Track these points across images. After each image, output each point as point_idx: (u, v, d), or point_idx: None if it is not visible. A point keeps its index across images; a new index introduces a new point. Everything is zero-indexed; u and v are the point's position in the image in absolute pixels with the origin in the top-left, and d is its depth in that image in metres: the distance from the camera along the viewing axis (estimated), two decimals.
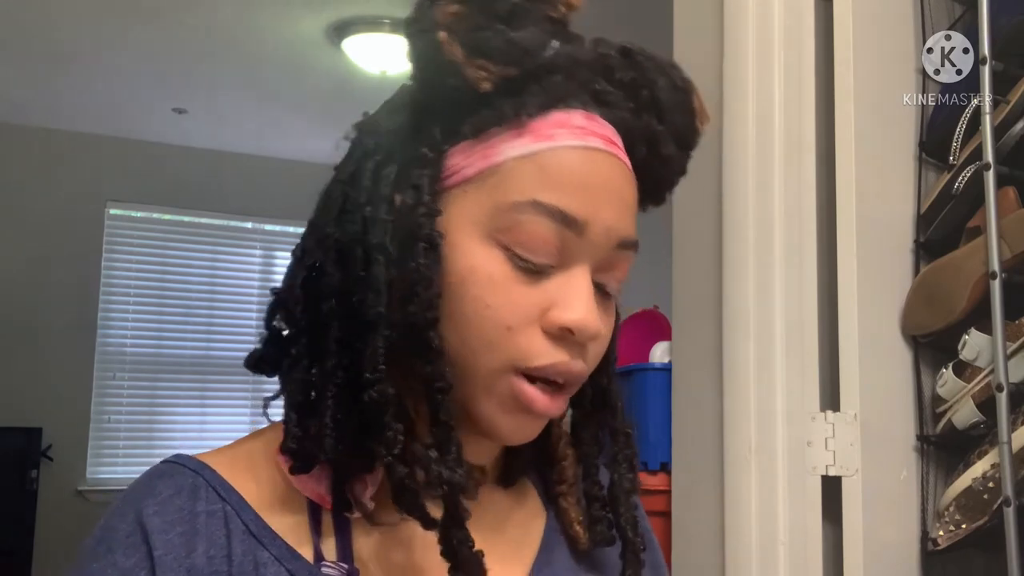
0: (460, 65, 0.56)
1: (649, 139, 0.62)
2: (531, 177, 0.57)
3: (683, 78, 0.65)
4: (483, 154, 0.58)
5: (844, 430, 1.18)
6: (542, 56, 0.58)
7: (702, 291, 1.29)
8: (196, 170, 4.71)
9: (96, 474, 4.51)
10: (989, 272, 1.12)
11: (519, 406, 0.58)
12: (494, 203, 0.57)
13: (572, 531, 0.67)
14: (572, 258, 0.58)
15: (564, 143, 0.58)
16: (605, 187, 0.58)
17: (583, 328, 0.57)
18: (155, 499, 0.58)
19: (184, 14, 3.23)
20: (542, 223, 0.56)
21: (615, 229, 0.58)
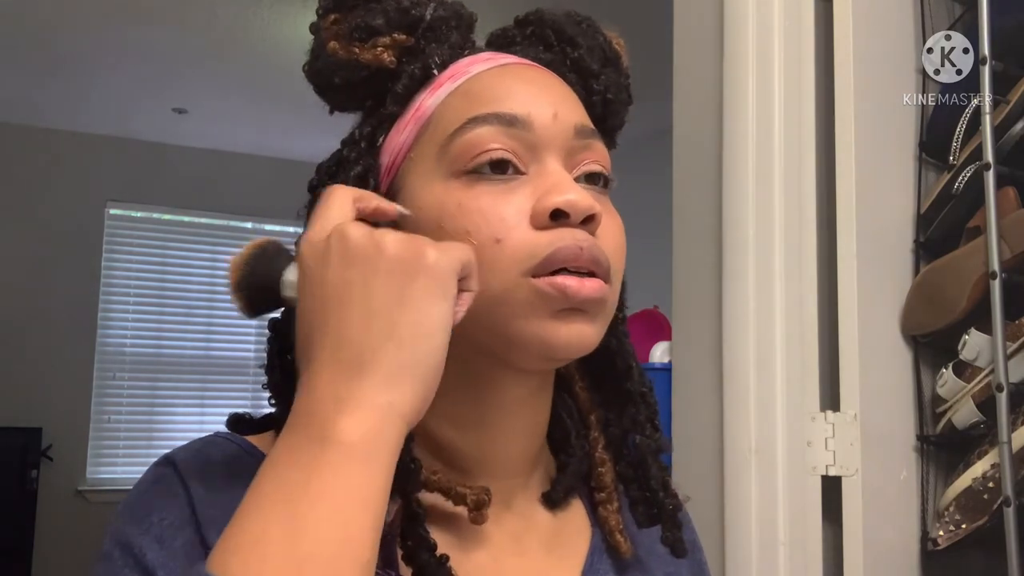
0: (357, 55, 0.58)
1: (573, 66, 0.63)
2: (460, 106, 0.57)
3: (580, 14, 0.66)
4: (413, 119, 0.59)
5: (844, 430, 1.18)
6: (426, 13, 0.60)
7: (702, 291, 1.29)
8: (196, 170, 4.71)
9: (96, 474, 4.51)
10: (989, 272, 1.12)
11: (554, 303, 0.54)
12: (437, 145, 0.57)
13: (613, 541, 0.63)
14: (537, 157, 0.57)
15: (480, 69, 0.59)
16: (535, 85, 0.59)
17: (573, 203, 0.54)
18: (205, 460, 0.55)
19: (184, 14, 3.23)
20: (484, 130, 0.56)
21: (563, 115, 0.58)
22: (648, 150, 2.25)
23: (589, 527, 0.66)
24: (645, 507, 0.64)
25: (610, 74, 0.64)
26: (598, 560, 0.64)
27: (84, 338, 4.51)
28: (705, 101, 1.30)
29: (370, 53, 0.58)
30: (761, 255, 1.20)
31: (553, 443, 0.67)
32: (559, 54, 0.63)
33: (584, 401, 0.67)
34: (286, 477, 0.44)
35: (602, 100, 0.63)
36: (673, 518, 0.63)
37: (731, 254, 1.23)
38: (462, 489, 0.57)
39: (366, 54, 0.59)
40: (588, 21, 0.65)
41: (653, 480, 0.63)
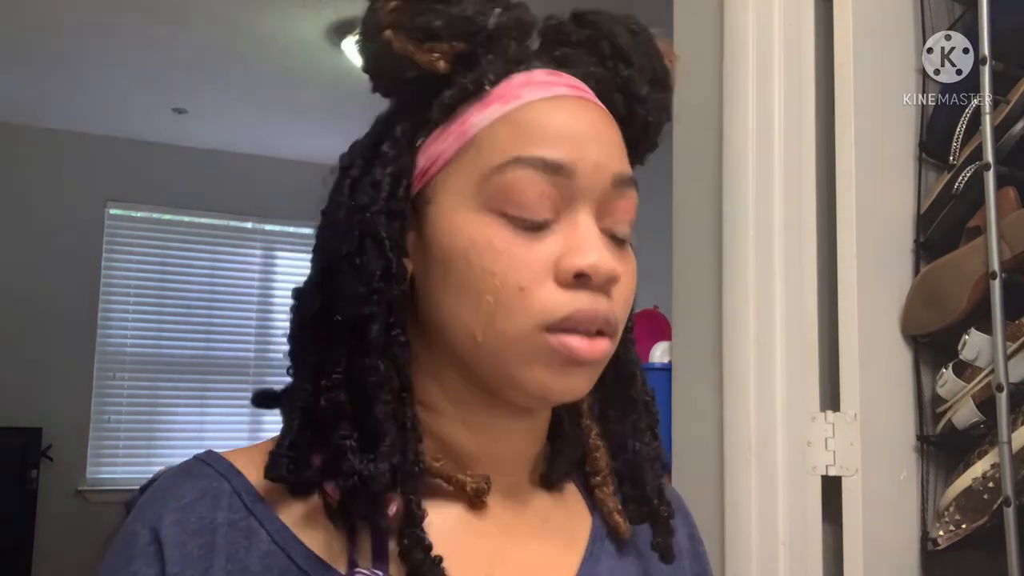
0: (411, 54, 0.57)
1: (621, 86, 0.62)
2: (507, 137, 0.57)
3: (638, 23, 0.65)
4: (456, 132, 0.58)
5: (844, 430, 1.18)
6: (487, 23, 0.58)
7: (702, 291, 1.29)
8: (196, 170, 4.71)
9: (96, 474, 4.51)
10: (989, 272, 1.12)
11: (561, 359, 0.56)
12: (478, 173, 0.57)
13: (612, 521, 0.66)
14: (570, 206, 0.57)
15: (532, 98, 0.58)
16: (583, 128, 0.58)
17: (596, 268, 0.55)
18: (177, 503, 0.56)
19: (184, 14, 3.23)
20: (529, 176, 0.56)
21: (605, 165, 0.57)
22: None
23: (588, 515, 0.67)
24: (636, 505, 0.65)
25: (656, 97, 0.64)
26: (598, 547, 0.65)
27: (84, 338, 4.51)
28: (705, 101, 1.30)
29: (425, 56, 0.57)
30: (761, 255, 1.20)
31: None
32: (611, 71, 0.62)
33: None
34: None
35: (642, 124, 0.63)
36: (666, 525, 0.65)
37: (731, 254, 1.23)
38: (462, 477, 0.59)
39: (421, 55, 0.57)
40: (645, 33, 0.64)
41: (648, 487, 0.65)
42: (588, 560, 0.64)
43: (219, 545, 0.55)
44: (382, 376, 0.56)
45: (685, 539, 0.73)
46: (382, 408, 0.55)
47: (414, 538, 0.55)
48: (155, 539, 0.55)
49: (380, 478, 0.53)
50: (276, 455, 0.57)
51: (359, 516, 0.55)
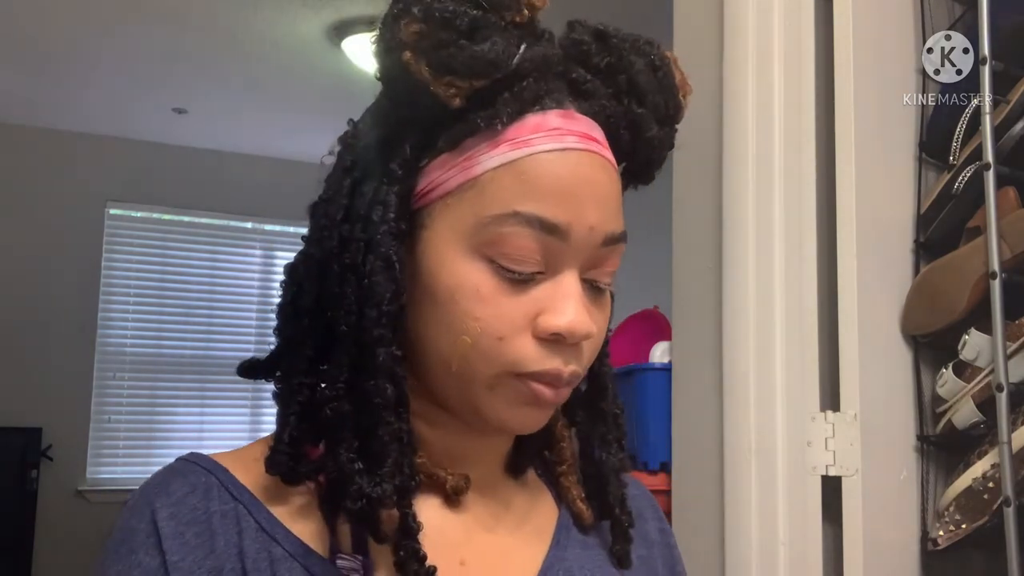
0: (428, 83, 0.56)
1: (631, 124, 0.63)
2: (510, 187, 0.57)
3: (661, 56, 0.64)
4: (462, 166, 0.58)
5: (844, 430, 1.18)
6: (510, 65, 0.57)
7: (702, 291, 1.29)
8: (196, 170, 4.71)
9: (96, 474, 4.51)
10: (989, 272, 1.12)
11: (525, 401, 0.59)
12: (475, 216, 0.57)
13: (576, 508, 0.69)
14: (558, 263, 0.58)
15: (541, 148, 0.58)
16: (585, 187, 0.58)
17: (572, 332, 0.58)
18: (169, 499, 0.58)
19: (184, 14, 3.23)
20: (524, 233, 0.57)
21: (598, 228, 0.59)
22: None
23: (555, 505, 0.70)
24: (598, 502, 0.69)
25: (664, 133, 0.64)
26: (564, 536, 0.68)
27: (84, 338, 4.50)
28: (705, 101, 1.30)
29: (441, 88, 0.56)
30: (761, 255, 1.20)
31: None
32: (623, 106, 0.62)
33: None
34: None
35: (646, 158, 0.65)
36: (625, 534, 0.68)
37: (731, 254, 1.23)
38: (443, 475, 0.62)
39: (437, 87, 0.56)
40: (665, 69, 0.64)
41: (611, 496, 0.68)
42: (555, 548, 0.66)
43: (216, 531, 0.58)
44: (389, 399, 0.57)
45: (655, 532, 0.75)
46: (386, 430, 0.57)
47: (410, 550, 0.57)
48: (154, 531, 0.57)
49: (387, 500, 0.56)
50: (276, 451, 0.59)
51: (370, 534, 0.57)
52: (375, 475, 0.56)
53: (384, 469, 0.56)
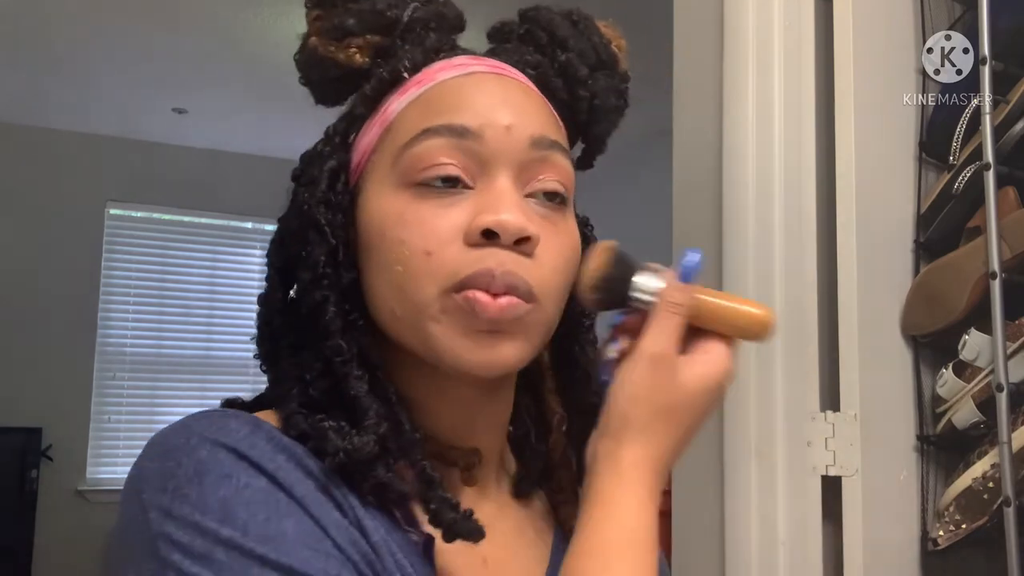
0: (332, 54, 0.60)
1: (560, 70, 0.63)
2: (417, 114, 0.58)
3: (580, 13, 0.65)
4: (379, 122, 0.60)
5: (844, 430, 1.18)
6: (403, 16, 0.60)
7: None
8: (196, 170, 4.71)
9: (96, 474, 4.51)
10: (989, 272, 1.12)
11: (466, 318, 0.54)
12: (392, 152, 0.58)
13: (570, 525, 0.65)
14: (485, 171, 0.56)
15: (445, 77, 0.59)
16: (494, 99, 0.58)
17: (503, 224, 0.54)
18: (236, 435, 0.52)
19: (184, 14, 3.23)
20: (435, 142, 0.56)
21: (518, 128, 0.57)
22: (648, 150, 2.25)
23: (551, 519, 0.68)
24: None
25: (600, 79, 0.63)
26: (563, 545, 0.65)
27: (84, 338, 4.50)
28: (705, 101, 1.30)
29: (344, 53, 0.60)
30: (761, 255, 1.20)
31: (513, 442, 0.69)
32: (548, 57, 0.63)
33: (549, 403, 0.68)
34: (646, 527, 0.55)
35: (588, 106, 0.63)
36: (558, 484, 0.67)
37: (731, 254, 1.23)
38: (454, 452, 0.61)
39: (340, 54, 0.60)
40: (586, 21, 0.64)
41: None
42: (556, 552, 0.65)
43: (301, 455, 0.53)
44: (347, 354, 0.56)
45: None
46: (356, 384, 0.56)
47: (439, 499, 0.54)
48: (241, 457, 0.51)
49: (365, 448, 0.53)
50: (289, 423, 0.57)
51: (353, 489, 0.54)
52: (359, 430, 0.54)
53: (365, 423, 0.54)
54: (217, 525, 0.48)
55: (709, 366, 0.58)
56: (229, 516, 0.49)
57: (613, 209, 4.42)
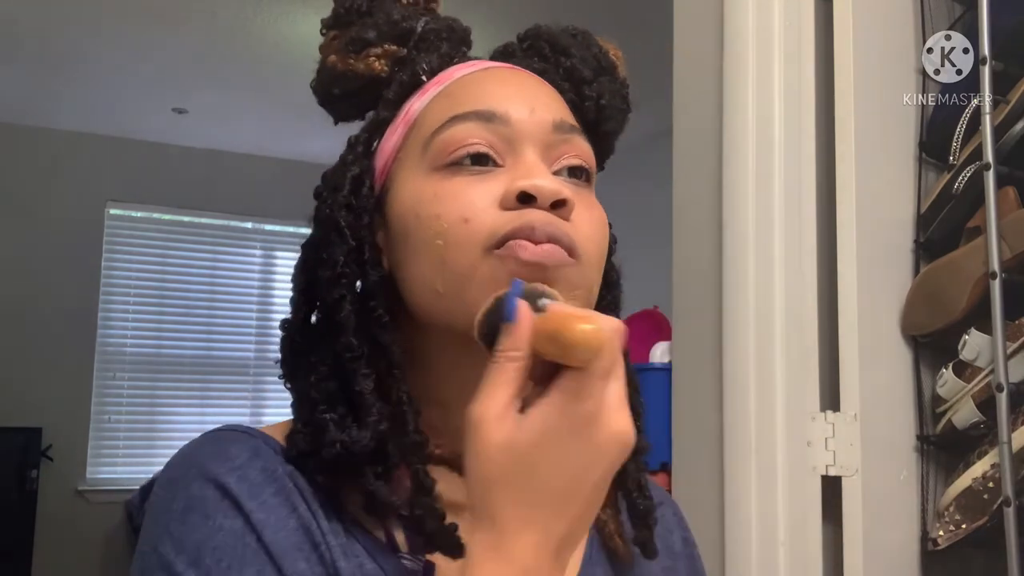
0: (352, 67, 0.62)
1: (565, 75, 0.65)
2: (443, 106, 0.60)
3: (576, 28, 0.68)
4: (402, 122, 0.62)
5: (844, 430, 1.18)
6: (416, 27, 0.63)
7: (702, 291, 1.29)
8: (196, 170, 4.71)
9: (96, 474, 4.51)
10: (989, 272, 1.12)
11: (512, 270, 0.54)
12: (421, 143, 0.59)
13: (612, 544, 0.65)
14: (514, 149, 0.58)
15: (464, 72, 0.62)
16: (514, 88, 0.61)
17: (539, 187, 0.55)
18: (231, 463, 0.55)
19: (184, 14, 3.23)
20: (464, 126, 0.58)
21: (540, 111, 0.60)
22: (648, 150, 2.25)
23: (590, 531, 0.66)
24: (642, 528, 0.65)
25: (603, 81, 0.66)
26: (596, 552, 0.65)
27: (84, 338, 4.50)
28: (705, 101, 1.30)
29: (364, 63, 0.63)
30: (761, 255, 1.20)
31: None
32: (552, 64, 0.65)
33: None
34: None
35: (595, 105, 0.65)
36: (644, 519, 0.64)
37: (731, 254, 1.23)
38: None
39: (360, 64, 0.63)
40: (584, 35, 0.68)
41: (629, 480, 0.64)
42: (587, 563, 0.64)
43: (290, 489, 0.56)
44: (357, 351, 0.57)
45: (680, 542, 0.73)
46: (362, 382, 0.56)
47: (426, 506, 0.54)
48: (225, 494, 0.54)
49: (361, 442, 0.54)
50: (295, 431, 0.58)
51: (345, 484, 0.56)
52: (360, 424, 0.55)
53: (367, 419, 0.55)
54: (184, 568, 0.52)
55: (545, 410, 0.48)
56: (197, 561, 0.52)
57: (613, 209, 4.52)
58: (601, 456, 0.48)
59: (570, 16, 0.68)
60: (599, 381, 0.47)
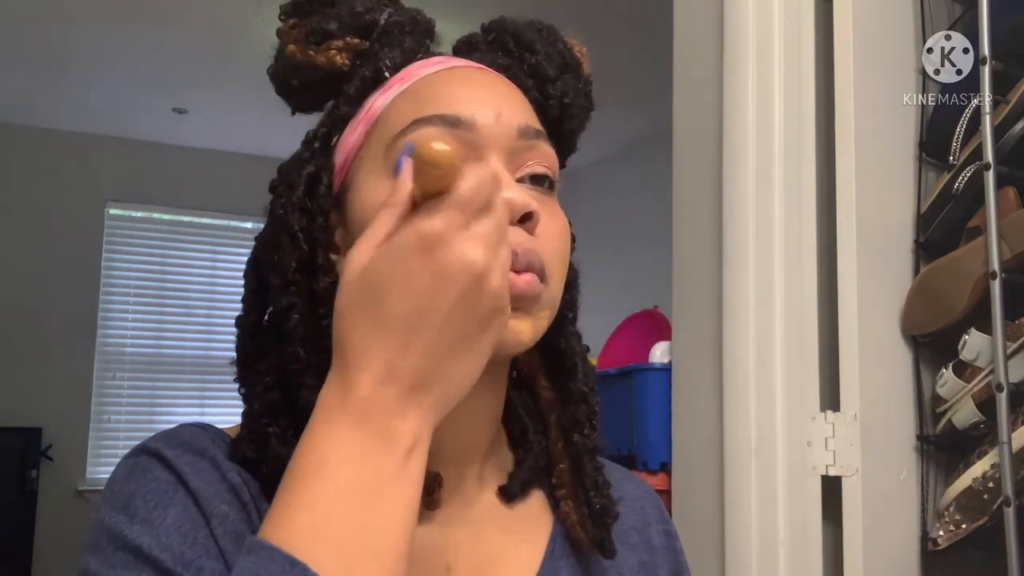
0: (312, 58, 0.61)
1: (529, 71, 0.64)
2: (407, 107, 0.59)
3: (541, 22, 0.67)
4: (364, 119, 0.60)
5: (844, 430, 1.18)
6: (379, 18, 0.62)
7: (702, 291, 1.29)
8: (196, 170, 4.71)
9: (96, 474, 4.50)
10: (989, 272, 1.12)
11: None
12: (383, 144, 0.58)
13: (576, 535, 0.65)
14: (478, 156, 0.57)
15: (428, 71, 0.60)
16: (482, 90, 0.60)
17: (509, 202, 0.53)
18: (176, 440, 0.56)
19: (184, 14, 3.23)
20: (428, 131, 0.56)
21: (507, 117, 0.58)
22: (648, 150, 2.25)
23: (551, 514, 0.67)
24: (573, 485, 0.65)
25: (568, 80, 0.65)
26: (560, 544, 0.65)
27: (84, 338, 4.50)
28: (705, 101, 1.30)
29: (324, 56, 0.61)
30: (761, 255, 1.20)
31: (512, 439, 0.68)
32: (517, 60, 0.64)
33: (545, 400, 0.68)
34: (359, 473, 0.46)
35: (559, 104, 0.64)
36: (600, 517, 0.63)
37: (731, 254, 1.23)
38: None
39: (320, 57, 0.61)
40: (549, 29, 0.66)
41: (587, 479, 0.64)
42: (549, 557, 0.64)
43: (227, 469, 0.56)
44: (304, 362, 0.56)
45: (659, 535, 0.72)
46: (307, 395, 0.54)
47: None
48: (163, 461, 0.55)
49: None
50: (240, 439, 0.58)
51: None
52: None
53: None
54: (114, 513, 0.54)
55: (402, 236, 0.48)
56: (127, 506, 0.53)
57: (613, 209, 4.40)
58: (446, 281, 0.46)
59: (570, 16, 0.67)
60: (455, 205, 0.47)
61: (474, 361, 0.49)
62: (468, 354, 0.49)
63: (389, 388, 0.47)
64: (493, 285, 0.48)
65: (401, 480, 0.47)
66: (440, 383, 0.48)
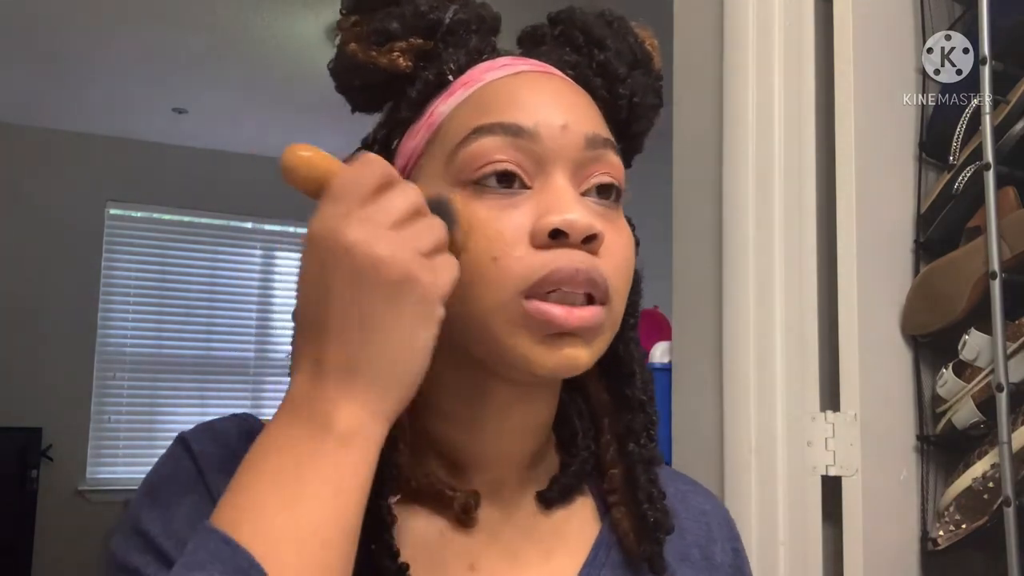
0: (374, 59, 0.58)
1: (598, 69, 0.62)
2: (468, 114, 0.57)
3: (612, 13, 0.65)
4: (425, 125, 0.59)
5: (844, 430, 1.18)
6: (444, 18, 0.59)
7: (702, 291, 1.29)
8: (196, 170, 4.71)
9: (96, 474, 4.51)
10: (989, 272, 1.12)
11: (541, 326, 0.53)
12: (445, 152, 0.57)
13: (628, 544, 0.62)
14: (543, 170, 0.56)
15: (493, 77, 0.59)
16: (546, 97, 0.58)
17: (571, 223, 0.53)
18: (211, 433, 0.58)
19: (184, 14, 3.23)
20: (490, 140, 0.55)
21: (573, 125, 0.56)
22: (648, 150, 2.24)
23: (597, 522, 0.65)
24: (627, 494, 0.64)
25: (638, 77, 0.63)
26: (604, 553, 0.63)
27: (84, 338, 4.50)
28: (705, 101, 1.30)
29: (386, 57, 0.58)
30: (761, 255, 1.20)
31: (561, 443, 0.66)
32: (586, 56, 0.62)
33: (597, 403, 0.66)
34: (288, 458, 0.48)
35: (628, 104, 0.62)
36: (651, 532, 0.62)
37: (731, 254, 1.23)
38: (451, 493, 0.59)
39: (382, 58, 0.58)
40: (620, 21, 0.64)
41: (640, 491, 0.62)
42: (589, 565, 0.62)
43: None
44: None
45: (724, 553, 0.69)
46: None
47: (382, 544, 0.54)
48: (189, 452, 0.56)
49: None
50: None
51: None
52: None
53: None
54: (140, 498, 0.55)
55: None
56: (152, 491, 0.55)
57: None
58: (330, 266, 0.48)
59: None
60: (328, 200, 0.49)
61: (400, 339, 0.49)
62: (386, 333, 0.48)
63: (319, 383, 0.48)
64: (379, 255, 0.48)
65: (329, 465, 0.47)
66: (367, 367, 0.48)
